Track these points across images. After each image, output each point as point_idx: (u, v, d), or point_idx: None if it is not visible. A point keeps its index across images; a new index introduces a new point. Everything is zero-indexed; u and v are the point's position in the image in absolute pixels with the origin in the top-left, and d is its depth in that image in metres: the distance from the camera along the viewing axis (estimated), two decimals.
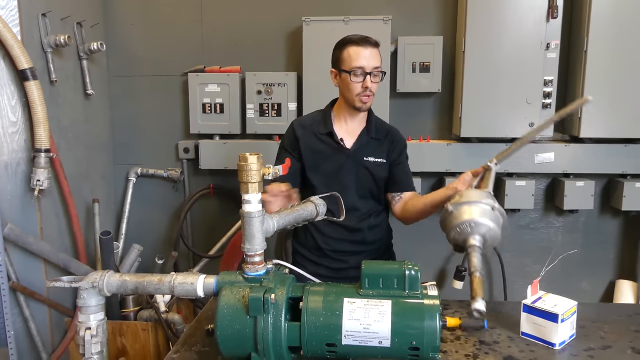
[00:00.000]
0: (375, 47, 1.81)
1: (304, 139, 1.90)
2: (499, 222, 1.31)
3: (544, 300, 1.43)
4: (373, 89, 1.81)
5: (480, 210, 1.31)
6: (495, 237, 1.31)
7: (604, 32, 2.61)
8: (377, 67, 1.79)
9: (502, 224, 1.32)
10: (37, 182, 2.32)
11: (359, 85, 1.78)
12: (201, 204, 3.21)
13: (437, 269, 3.17)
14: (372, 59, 1.78)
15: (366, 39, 1.80)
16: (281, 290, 1.17)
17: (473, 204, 1.33)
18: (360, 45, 1.78)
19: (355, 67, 1.77)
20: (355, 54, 1.77)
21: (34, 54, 2.35)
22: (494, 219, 1.30)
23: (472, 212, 1.31)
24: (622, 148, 2.76)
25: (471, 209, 1.31)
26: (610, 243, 3.06)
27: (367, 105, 1.83)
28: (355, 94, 1.80)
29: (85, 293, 1.22)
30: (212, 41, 3.08)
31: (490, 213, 1.30)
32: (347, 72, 1.78)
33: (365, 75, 1.77)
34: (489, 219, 1.30)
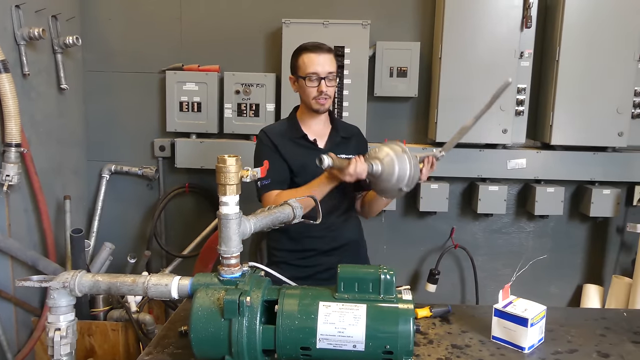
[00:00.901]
0: (329, 53, 1.89)
1: (283, 145, 1.93)
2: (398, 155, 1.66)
3: (514, 305, 1.46)
4: (329, 93, 1.89)
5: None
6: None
7: (576, 42, 2.69)
8: (331, 72, 1.87)
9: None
10: (6, 178, 2.26)
11: (315, 89, 1.87)
12: (176, 202, 3.17)
13: (411, 271, 3.21)
14: (325, 65, 1.86)
15: (319, 46, 1.88)
16: (257, 293, 1.17)
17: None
18: (314, 52, 1.86)
19: (310, 73, 1.86)
20: (309, 61, 1.86)
21: (6, 46, 2.29)
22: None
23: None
24: (590, 156, 2.85)
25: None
26: (579, 248, 3.15)
27: (325, 107, 1.91)
28: (312, 97, 1.89)
29: (55, 293, 1.20)
30: (191, 39, 3.05)
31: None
32: (303, 78, 1.87)
33: (320, 80, 1.85)
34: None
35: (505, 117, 2.74)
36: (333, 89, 1.90)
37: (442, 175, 2.91)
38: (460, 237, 3.10)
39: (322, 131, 1.99)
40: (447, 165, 2.86)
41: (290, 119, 2.01)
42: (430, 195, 2.89)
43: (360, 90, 2.86)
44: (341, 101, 2.86)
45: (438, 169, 2.81)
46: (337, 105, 2.86)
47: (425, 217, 3.11)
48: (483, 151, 2.86)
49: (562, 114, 2.74)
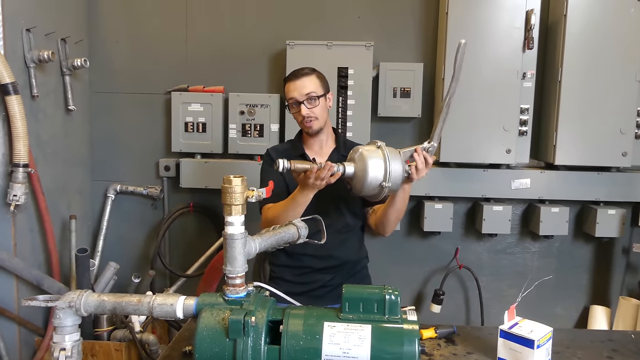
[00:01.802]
0: (307, 76, 1.89)
1: None
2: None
3: (520, 326, 1.45)
4: (315, 114, 1.88)
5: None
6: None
7: (577, 63, 2.72)
8: (309, 92, 1.87)
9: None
10: (13, 197, 2.28)
11: (298, 114, 1.90)
12: (180, 222, 3.18)
13: (415, 291, 3.19)
14: (302, 88, 1.87)
15: (295, 73, 1.91)
16: (261, 313, 1.17)
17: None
18: (290, 80, 1.90)
19: (289, 100, 1.90)
20: (287, 90, 1.91)
21: (16, 68, 2.33)
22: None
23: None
24: (595, 176, 2.85)
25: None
26: (584, 268, 3.13)
27: (313, 128, 1.91)
28: (299, 121, 1.93)
29: (61, 313, 1.20)
30: (197, 61, 3.10)
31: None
32: (287, 107, 1.94)
33: (300, 104, 1.87)
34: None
35: (508, 137, 2.76)
36: (319, 108, 1.88)
37: (446, 195, 2.92)
38: (464, 257, 3.09)
39: (324, 150, 2.00)
40: (451, 184, 2.88)
41: (294, 140, 2.05)
42: (434, 215, 2.89)
43: (364, 110, 2.88)
44: (345, 121, 2.89)
45: (442, 189, 2.88)
46: (340, 125, 2.89)
47: (429, 237, 3.11)
48: (487, 171, 2.87)
49: (565, 134, 2.75)
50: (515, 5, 2.68)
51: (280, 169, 1.55)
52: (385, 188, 1.58)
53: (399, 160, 1.62)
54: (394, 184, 1.60)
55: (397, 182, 1.61)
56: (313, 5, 3.02)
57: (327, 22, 3.01)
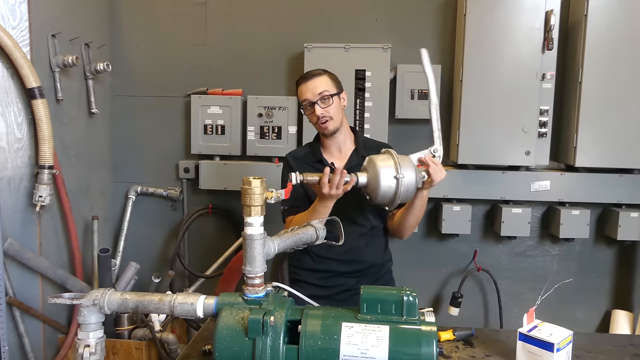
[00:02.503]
0: (319, 76, 1.89)
1: (299, 169, 1.94)
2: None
3: (539, 329, 1.44)
4: (329, 113, 1.87)
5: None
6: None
7: (598, 63, 2.68)
8: (321, 92, 1.86)
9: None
10: (39, 198, 2.34)
11: (313, 116, 1.89)
12: (199, 223, 3.22)
13: (433, 294, 3.18)
14: (314, 89, 1.86)
15: (306, 75, 1.91)
16: (280, 313, 1.18)
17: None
18: (302, 83, 1.90)
19: (302, 102, 1.90)
20: (300, 92, 1.90)
21: (42, 73, 2.40)
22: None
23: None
24: (617, 178, 2.80)
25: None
26: (606, 272, 3.08)
27: (329, 129, 1.89)
28: (314, 123, 1.91)
29: (86, 310, 1.23)
30: (216, 64, 3.14)
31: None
32: (302, 109, 1.93)
33: (313, 105, 1.86)
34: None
35: (528, 139, 2.74)
36: (333, 107, 1.87)
37: (464, 197, 2.90)
38: (483, 260, 3.07)
39: (344, 152, 1.98)
40: (470, 186, 2.87)
41: (313, 143, 2.04)
42: (453, 217, 2.88)
43: (382, 112, 2.89)
44: (363, 123, 2.90)
45: (460, 191, 2.86)
46: (358, 127, 2.89)
47: (447, 239, 3.09)
48: (506, 173, 2.84)
49: (586, 136, 2.72)
50: (535, 5, 2.66)
51: (294, 182, 1.56)
52: (400, 188, 1.58)
53: (411, 166, 1.61)
54: (408, 185, 1.59)
55: (411, 184, 1.60)
56: (331, 8, 3.03)
57: (344, 25, 3.03)
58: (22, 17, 2.30)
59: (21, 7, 2.29)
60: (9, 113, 2.28)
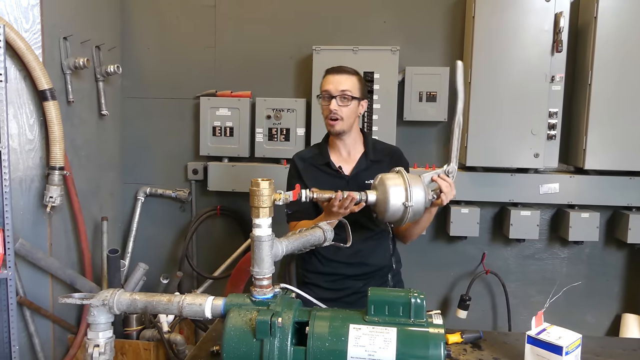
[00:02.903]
0: (347, 74, 1.86)
1: (305, 171, 1.96)
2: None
3: (548, 332, 1.43)
4: (342, 113, 1.84)
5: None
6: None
7: (608, 65, 2.67)
8: (344, 90, 1.83)
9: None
10: (49, 199, 2.37)
11: (326, 107, 1.85)
12: (207, 225, 3.24)
13: (441, 296, 3.17)
14: (339, 84, 1.83)
15: (340, 67, 1.88)
16: (288, 314, 1.19)
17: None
18: (331, 73, 1.87)
19: (323, 91, 1.86)
20: (325, 81, 1.87)
21: (53, 75, 2.43)
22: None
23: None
24: (627, 180, 2.78)
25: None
26: (616, 275, 3.05)
27: (336, 128, 1.86)
28: (325, 117, 1.88)
29: (95, 310, 1.25)
30: (225, 66, 3.16)
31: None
32: (319, 98, 1.89)
33: (331, 98, 1.83)
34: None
35: (537, 141, 2.72)
36: (348, 110, 1.83)
37: (472, 199, 2.89)
38: (491, 263, 3.05)
39: (353, 155, 1.96)
40: (478, 189, 2.86)
41: (320, 145, 2.01)
42: (461, 219, 2.87)
43: (390, 114, 2.89)
44: (371, 125, 2.90)
45: (469, 193, 2.85)
46: (366, 129, 2.89)
47: (455, 241, 3.08)
48: (515, 175, 2.83)
49: (595, 138, 2.70)
50: (544, 8, 2.65)
51: (303, 199, 1.54)
52: (408, 214, 1.57)
53: (421, 185, 1.59)
54: (417, 209, 1.58)
55: (420, 207, 1.59)
56: (339, 11, 3.04)
57: (353, 27, 3.03)
58: (34, 20, 2.33)
59: (34, 10, 2.32)
60: (21, 115, 2.31)
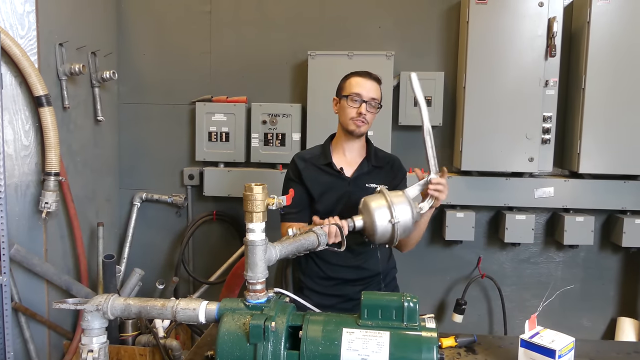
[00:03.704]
0: (376, 82, 1.91)
1: (305, 171, 1.97)
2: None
3: (541, 336, 1.44)
4: (368, 118, 1.88)
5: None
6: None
7: (602, 70, 2.68)
8: (374, 98, 1.88)
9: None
10: (45, 205, 2.37)
11: (354, 110, 1.87)
12: (203, 230, 3.24)
13: (437, 301, 3.17)
14: (370, 90, 1.88)
15: (369, 73, 1.92)
16: (281, 319, 1.19)
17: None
18: (362, 77, 1.90)
19: (353, 93, 1.88)
20: (355, 83, 1.90)
21: (49, 81, 2.43)
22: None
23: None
24: (621, 184, 2.79)
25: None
26: (611, 279, 3.06)
27: (361, 130, 1.90)
28: (350, 117, 1.89)
29: (89, 316, 1.25)
30: (220, 72, 3.17)
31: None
32: (346, 97, 1.89)
33: (362, 102, 1.86)
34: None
35: (531, 145, 2.74)
36: (372, 116, 1.89)
37: (468, 203, 2.90)
38: (487, 267, 3.06)
39: (355, 159, 1.98)
40: (473, 193, 2.87)
41: (323, 146, 2.03)
42: (456, 224, 2.88)
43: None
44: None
45: (464, 197, 2.86)
46: None
47: (451, 246, 3.09)
48: (509, 180, 2.84)
49: (590, 142, 2.72)
50: (537, 13, 2.67)
51: (291, 235, 1.46)
52: (396, 232, 1.54)
53: (405, 201, 1.57)
54: (405, 225, 1.55)
55: (408, 223, 1.56)
56: (334, 16, 3.06)
57: (348, 33, 3.05)
58: (30, 27, 2.33)
59: (29, 16, 2.33)
60: (16, 121, 2.31)
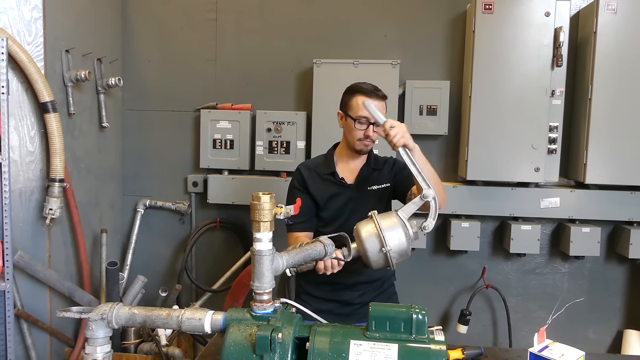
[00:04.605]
0: (383, 100, 1.89)
1: (310, 180, 1.98)
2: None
3: (550, 349, 1.42)
4: (374, 137, 1.89)
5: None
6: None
7: (608, 80, 2.67)
8: None
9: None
10: (49, 211, 2.36)
11: (362, 132, 1.87)
12: (207, 237, 3.22)
13: (441, 311, 3.14)
14: (380, 110, 1.82)
15: (376, 92, 1.88)
16: (288, 330, 1.17)
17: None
18: (371, 97, 1.85)
19: (361, 116, 1.86)
20: (362, 103, 1.85)
21: (55, 87, 2.44)
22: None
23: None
24: (628, 195, 2.77)
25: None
26: (617, 291, 3.03)
27: (368, 149, 1.93)
28: (357, 139, 1.89)
29: (94, 325, 1.23)
30: (225, 79, 3.17)
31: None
32: (353, 119, 1.87)
33: (369, 124, 1.85)
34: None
35: (537, 155, 2.72)
36: (377, 133, 1.86)
37: (473, 213, 2.89)
38: (492, 277, 3.03)
39: (357, 167, 2.00)
40: (478, 203, 2.86)
41: (327, 155, 2.04)
42: (461, 233, 2.86)
43: None
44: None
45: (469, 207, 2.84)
46: None
47: (455, 255, 3.07)
48: (515, 190, 2.83)
49: (596, 153, 2.70)
50: (544, 22, 2.67)
51: (289, 275, 1.47)
52: (391, 259, 1.48)
53: (396, 224, 1.49)
54: (400, 250, 1.49)
55: (403, 247, 1.49)
56: (340, 25, 3.06)
57: (353, 41, 3.05)
58: (37, 33, 2.34)
59: (37, 23, 2.34)
60: (22, 127, 2.31)
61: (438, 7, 3.00)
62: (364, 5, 3.04)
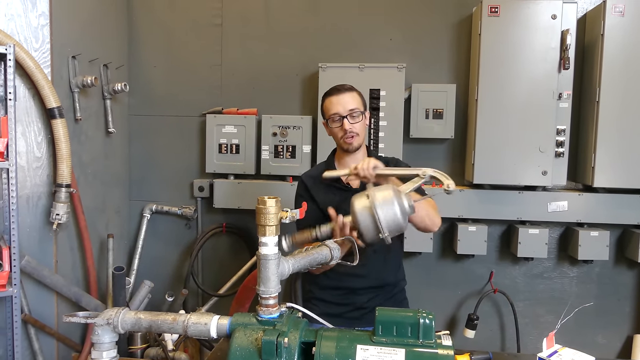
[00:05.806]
0: (350, 92, 1.91)
1: (316, 189, 1.98)
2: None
3: (560, 355, 1.40)
4: (356, 129, 1.89)
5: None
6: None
7: (616, 83, 2.66)
8: (352, 109, 1.88)
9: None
10: (56, 216, 2.37)
11: (339, 129, 1.89)
12: (213, 242, 3.22)
13: (448, 315, 3.12)
14: (346, 103, 1.88)
15: (338, 88, 1.92)
16: (294, 334, 1.16)
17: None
18: (333, 95, 1.90)
19: (332, 114, 1.89)
20: (329, 104, 1.91)
21: (62, 93, 2.45)
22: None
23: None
24: (636, 198, 2.75)
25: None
26: (627, 295, 3.00)
27: (354, 144, 1.91)
28: (339, 137, 1.91)
29: (100, 330, 1.23)
30: (231, 84, 3.18)
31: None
32: (327, 121, 1.92)
33: (342, 119, 1.87)
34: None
35: (544, 158, 2.70)
36: (360, 125, 1.89)
37: (480, 217, 2.87)
38: (499, 282, 3.01)
39: None
40: (485, 207, 2.84)
41: (328, 162, 2.05)
42: (468, 237, 2.84)
43: (396, 131, 2.89)
44: (377, 142, 2.89)
45: (476, 211, 2.83)
46: (372, 146, 2.89)
47: (462, 260, 3.05)
48: (522, 193, 2.81)
49: (604, 156, 2.68)
50: (550, 25, 2.66)
51: (285, 250, 1.42)
52: (383, 231, 1.43)
53: (390, 198, 1.43)
54: (392, 225, 1.43)
55: (397, 222, 1.43)
56: (345, 28, 3.06)
57: (359, 45, 3.05)
58: (44, 40, 2.36)
59: (44, 29, 2.36)
60: (29, 132, 2.33)
61: (444, 11, 2.99)
62: (369, 10, 3.04)
